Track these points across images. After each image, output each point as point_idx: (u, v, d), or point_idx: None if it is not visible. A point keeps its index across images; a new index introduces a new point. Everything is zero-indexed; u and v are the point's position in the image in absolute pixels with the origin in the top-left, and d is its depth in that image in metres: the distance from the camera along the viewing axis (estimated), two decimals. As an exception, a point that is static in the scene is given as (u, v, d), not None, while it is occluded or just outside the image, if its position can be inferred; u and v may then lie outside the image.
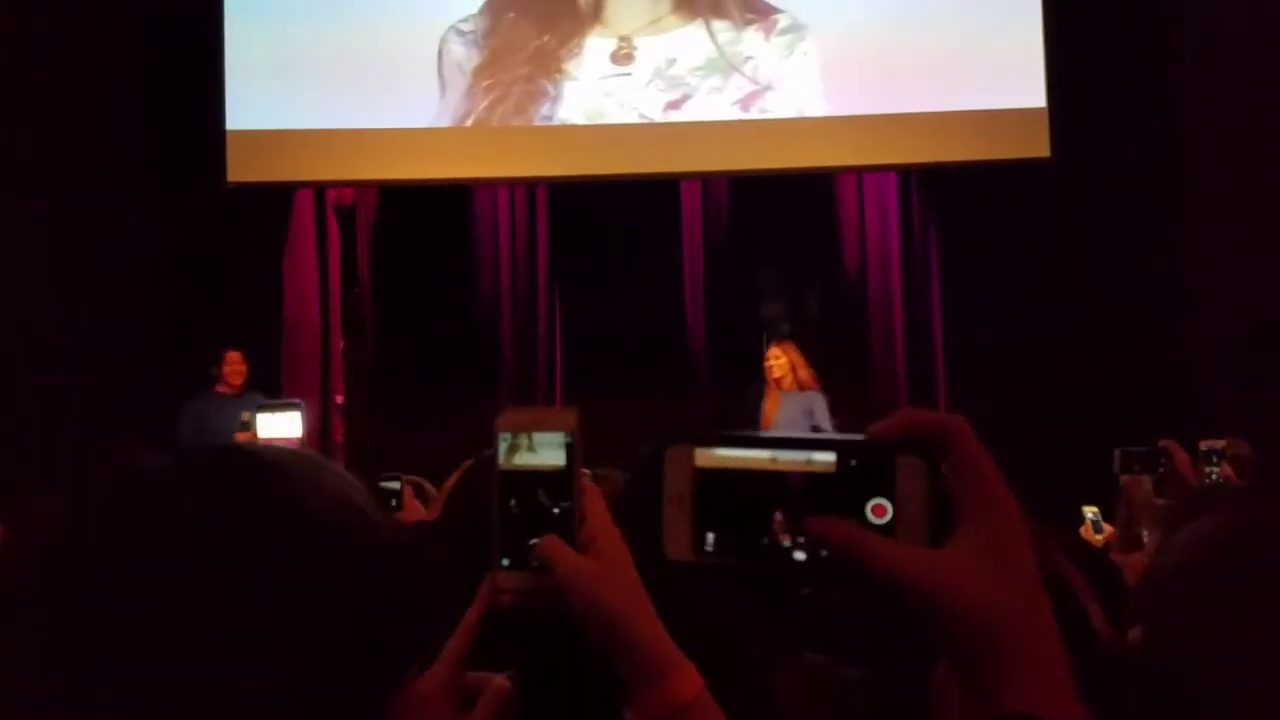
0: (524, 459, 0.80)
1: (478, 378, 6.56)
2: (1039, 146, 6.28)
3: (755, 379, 6.11)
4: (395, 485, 3.26)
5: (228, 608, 0.55)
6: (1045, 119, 6.29)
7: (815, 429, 5.59)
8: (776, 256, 6.89)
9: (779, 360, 5.96)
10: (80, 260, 5.65)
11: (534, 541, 0.79)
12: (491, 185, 6.76)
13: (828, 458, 0.63)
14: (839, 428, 5.53)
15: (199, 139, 6.31)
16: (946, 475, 0.60)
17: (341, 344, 6.79)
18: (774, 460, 0.64)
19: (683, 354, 6.58)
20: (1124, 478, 3.53)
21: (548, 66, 6.40)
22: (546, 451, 0.80)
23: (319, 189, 6.75)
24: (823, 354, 6.33)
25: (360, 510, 0.62)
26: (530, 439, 0.80)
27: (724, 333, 6.66)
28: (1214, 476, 3.10)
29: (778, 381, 5.94)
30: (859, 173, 6.66)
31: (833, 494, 0.63)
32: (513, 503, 0.80)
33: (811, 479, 0.63)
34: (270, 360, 6.20)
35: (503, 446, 0.80)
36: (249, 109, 6.39)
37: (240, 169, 6.38)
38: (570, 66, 6.40)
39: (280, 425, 4.80)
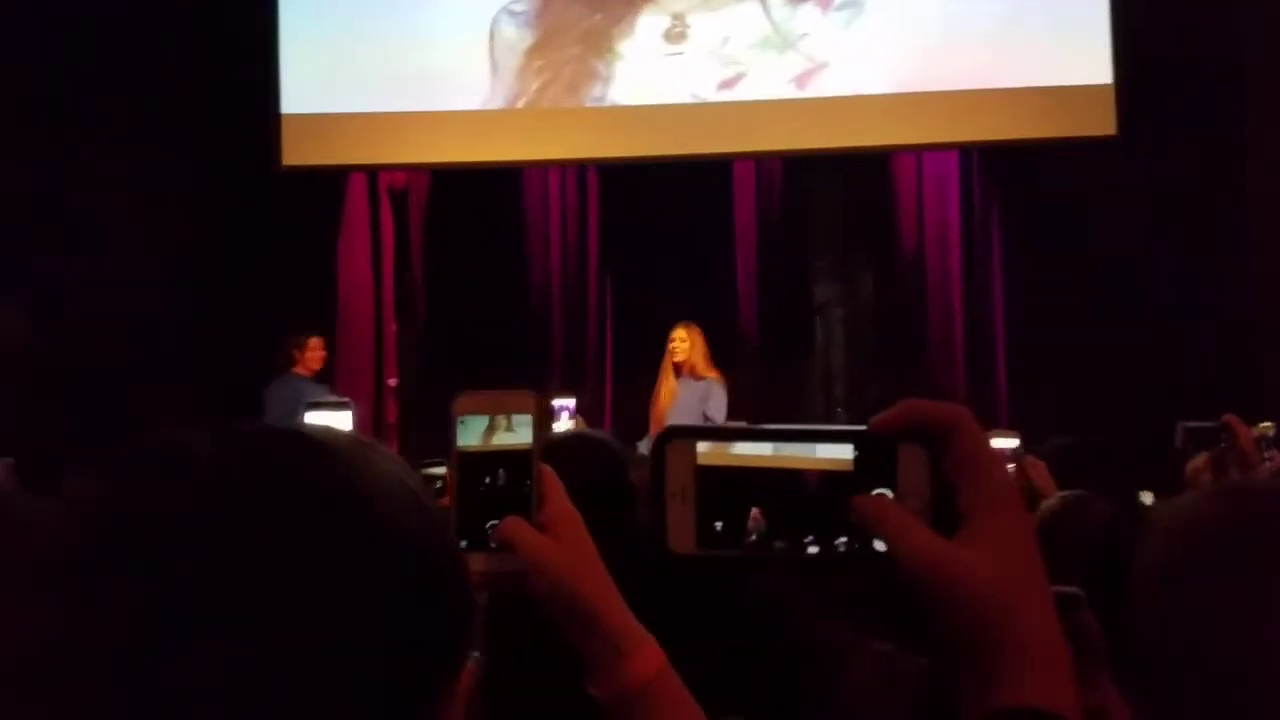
0: (500, 438, 0.81)
1: (528, 360, 6.55)
2: (1105, 124, 6.11)
3: (808, 362, 6.01)
4: (440, 470, 3.24)
5: (277, 594, 0.53)
6: (1111, 96, 6.12)
7: (706, 418, 5.36)
8: (831, 238, 6.77)
9: (683, 343, 5.63)
10: (136, 243, 5.71)
11: (493, 523, 0.79)
12: (542, 167, 6.72)
13: (831, 449, 0.63)
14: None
15: (254, 123, 6.36)
16: (949, 468, 0.60)
17: (394, 326, 6.82)
18: (775, 453, 0.64)
19: (734, 337, 6.50)
20: (1190, 464, 3.46)
21: (599, 46, 6.35)
22: (518, 432, 0.81)
23: (371, 173, 6.77)
24: (877, 336, 6.22)
25: (415, 495, 0.60)
26: (509, 420, 0.81)
27: (777, 316, 6.57)
28: (1268, 461, 3.06)
29: (678, 365, 5.64)
30: (918, 151, 6.52)
31: (835, 485, 0.62)
32: (474, 483, 0.80)
33: (813, 469, 0.63)
34: (325, 343, 6.23)
35: (474, 428, 0.81)
36: (303, 93, 6.43)
37: (294, 153, 6.43)
38: (622, 46, 6.34)
39: (330, 423, 4.79)
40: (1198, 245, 5.86)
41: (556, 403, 4.97)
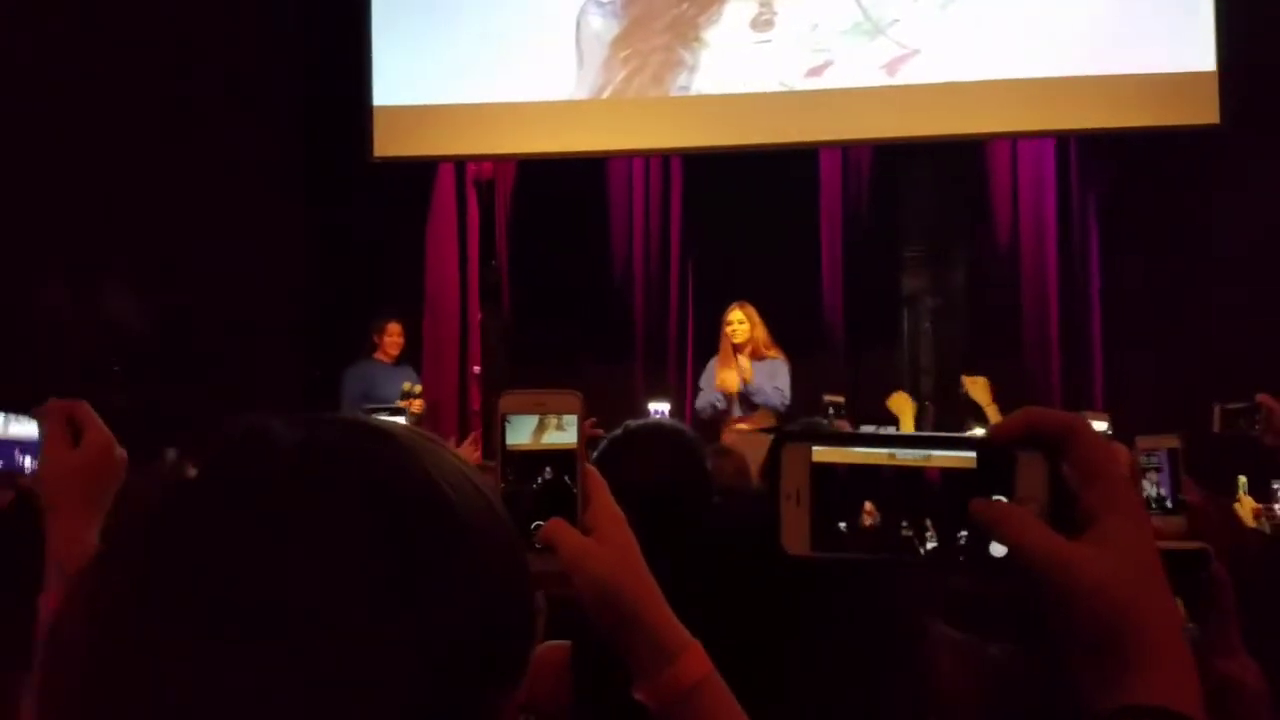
0: (549, 437, 0.81)
1: (611, 349, 6.56)
2: (1208, 112, 5.89)
3: (895, 354, 5.90)
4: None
5: (352, 582, 0.53)
6: (1215, 83, 5.90)
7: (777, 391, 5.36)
8: (921, 227, 6.64)
9: (742, 325, 5.50)
10: (240, 232, 5.86)
11: (538, 523, 0.79)
12: (627, 157, 6.72)
13: (947, 454, 0.64)
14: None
15: (348, 115, 6.49)
16: (1068, 474, 0.61)
17: (479, 315, 6.89)
18: (891, 457, 0.65)
19: (819, 329, 6.43)
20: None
21: (686, 35, 6.31)
22: (565, 431, 0.81)
23: (459, 163, 6.84)
24: (969, 327, 6.09)
25: (484, 494, 0.61)
26: (560, 419, 0.81)
27: (864, 308, 6.47)
28: None
29: (738, 347, 5.50)
30: (1013, 139, 6.36)
31: (954, 486, 0.64)
32: (521, 482, 0.80)
33: (930, 474, 0.64)
34: (411, 330, 6.33)
35: (524, 427, 0.81)
36: (394, 86, 6.53)
37: (386, 144, 6.53)
38: (709, 34, 6.29)
39: None
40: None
41: (651, 406, 4.96)
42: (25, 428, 1.18)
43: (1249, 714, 1.09)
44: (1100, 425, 2.93)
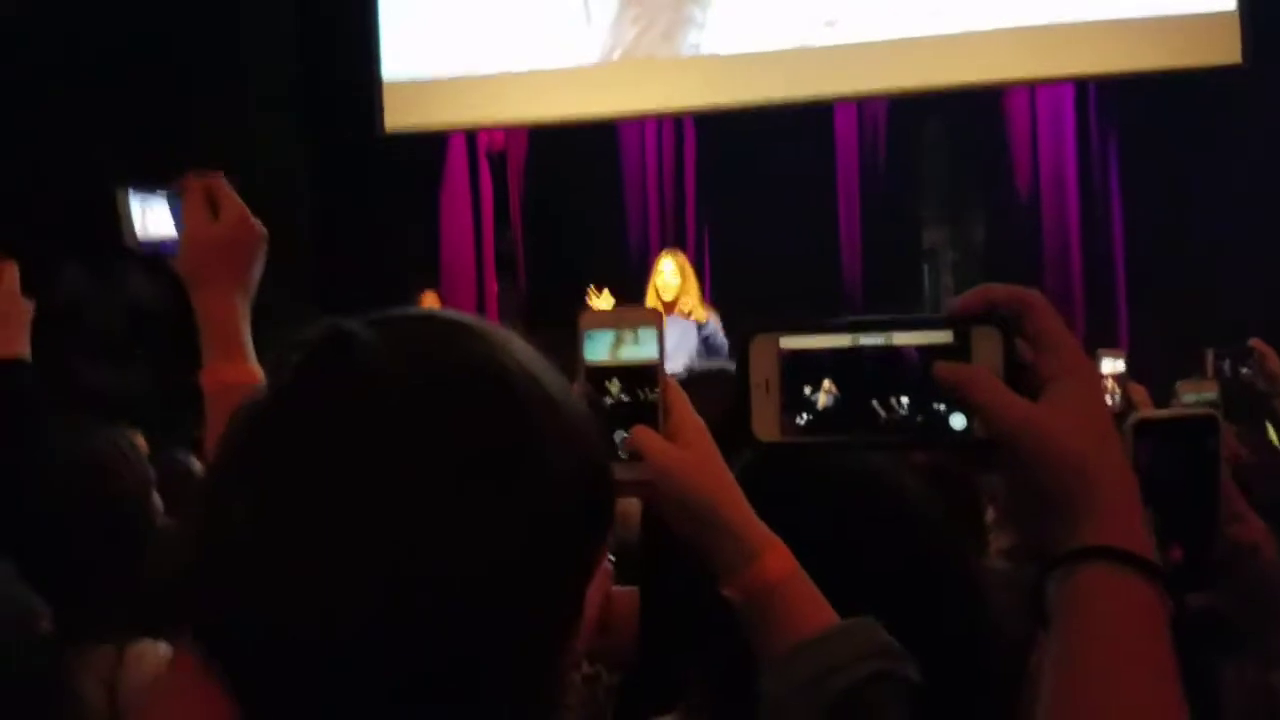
0: (625, 351, 0.83)
1: (630, 317, 6.51)
2: (1229, 52, 5.79)
3: (916, 309, 5.83)
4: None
5: (433, 467, 0.58)
6: (1236, 23, 5.79)
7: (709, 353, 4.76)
8: (939, 180, 6.56)
9: (673, 277, 4.98)
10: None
11: (621, 434, 0.81)
12: (639, 120, 6.65)
13: (909, 334, 0.66)
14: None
15: (354, 90, 6.46)
16: (1024, 346, 0.64)
17: (495, 286, 6.87)
18: (854, 341, 0.67)
19: (838, 287, 6.37)
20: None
21: (695, -8, 6.24)
22: (643, 346, 0.83)
23: (470, 134, 6.80)
24: (989, 281, 5.98)
25: (566, 388, 0.67)
26: (636, 334, 0.83)
27: (883, 264, 6.40)
28: None
29: (669, 305, 5.00)
30: (1031, 86, 6.26)
31: (916, 366, 0.66)
32: (602, 396, 0.82)
33: (892, 353, 0.66)
34: (439, 297, 6.31)
35: (601, 342, 0.83)
36: (401, 59, 6.50)
37: (395, 117, 6.50)
38: (719, -9, 6.22)
39: None
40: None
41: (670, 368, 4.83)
42: (162, 218, 1.16)
43: (1262, 578, 1.11)
44: (1118, 364, 2.90)
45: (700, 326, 5.23)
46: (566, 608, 0.63)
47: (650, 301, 5.25)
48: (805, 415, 0.67)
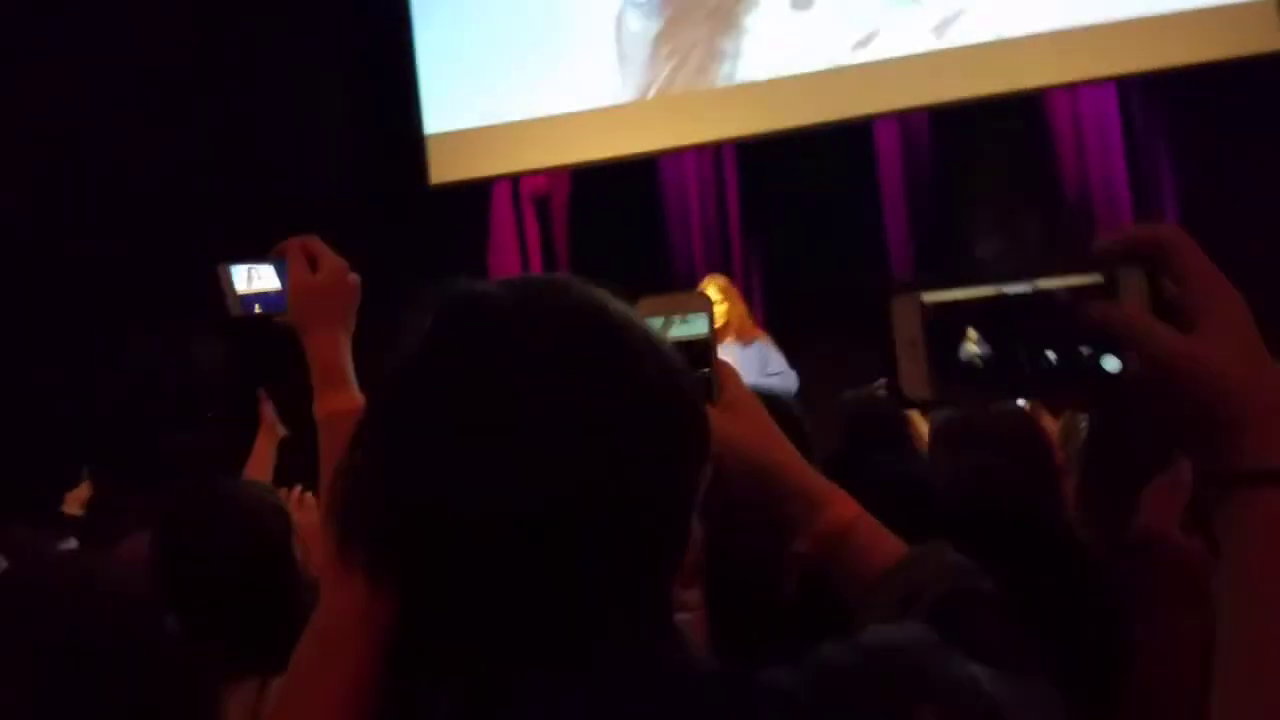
0: (676, 331, 0.90)
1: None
2: (1271, 39, 5.70)
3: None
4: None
5: (569, 382, 0.68)
6: (1274, 8, 5.71)
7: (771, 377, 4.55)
8: (987, 192, 6.50)
9: (719, 305, 4.50)
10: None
11: None
12: (679, 154, 6.68)
13: (1053, 280, 0.66)
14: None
15: (400, 145, 6.56)
16: (1168, 285, 0.66)
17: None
18: (998, 290, 0.67)
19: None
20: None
21: (725, 24, 6.28)
22: (693, 325, 0.91)
23: (514, 180, 6.87)
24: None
25: (649, 325, 0.77)
26: (685, 316, 0.91)
27: (935, 279, 6.33)
28: None
29: (719, 332, 4.58)
30: (1072, 89, 6.20)
31: (1064, 311, 0.66)
32: None
33: (1039, 299, 0.66)
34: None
35: (654, 326, 0.85)
36: (443, 111, 6.60)
37: (440, 170, 6.60)
38: (749, 20, 6.25)
39: None
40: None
41: None
42: (269, 279, 1.30)
43: None
44: None
45: (751, 348, 4.99)
46: (677, 522, 0.70)
47: None
48: (956, 370, 0.68)
